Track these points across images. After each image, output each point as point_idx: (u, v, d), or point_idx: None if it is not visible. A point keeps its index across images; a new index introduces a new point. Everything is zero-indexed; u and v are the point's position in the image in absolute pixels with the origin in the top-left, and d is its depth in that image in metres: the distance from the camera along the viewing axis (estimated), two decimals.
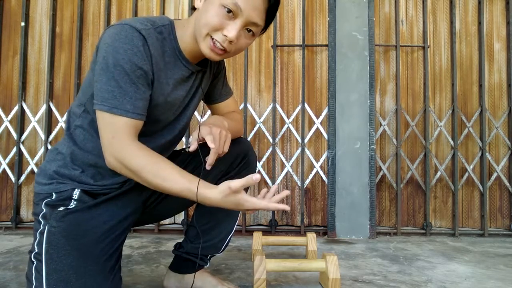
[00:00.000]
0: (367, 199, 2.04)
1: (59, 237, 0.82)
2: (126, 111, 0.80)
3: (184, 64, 0.92)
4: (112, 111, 0.79)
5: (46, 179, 0.90)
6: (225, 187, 0.76)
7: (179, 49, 0.90)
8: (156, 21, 0.87)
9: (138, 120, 0.82)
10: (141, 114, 0.82)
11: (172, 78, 0.90)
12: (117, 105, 0.79)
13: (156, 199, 1.05)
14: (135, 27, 0.81)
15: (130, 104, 0.80)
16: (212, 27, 0.82)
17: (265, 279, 1.10)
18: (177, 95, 0.93)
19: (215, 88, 1.10)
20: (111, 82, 0.79)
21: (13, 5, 2.25)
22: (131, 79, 0.80)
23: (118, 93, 0.79)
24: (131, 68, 0.79)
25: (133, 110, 0.80)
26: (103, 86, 0.79)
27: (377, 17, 2.26)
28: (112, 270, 0.85)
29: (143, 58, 0.81)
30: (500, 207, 2.20)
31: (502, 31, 2.25)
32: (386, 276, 1.35)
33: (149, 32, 0.83)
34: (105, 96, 0.79)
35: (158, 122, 0.92)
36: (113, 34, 0.80)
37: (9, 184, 2.18)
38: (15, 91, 2.21)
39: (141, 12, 2.24)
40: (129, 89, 0.80)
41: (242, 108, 2.15)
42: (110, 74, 0.79)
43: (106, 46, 0.79)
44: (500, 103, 2.24)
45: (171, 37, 0.89)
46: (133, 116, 0.81)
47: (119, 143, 0.80)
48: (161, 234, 2.06)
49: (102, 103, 0.79)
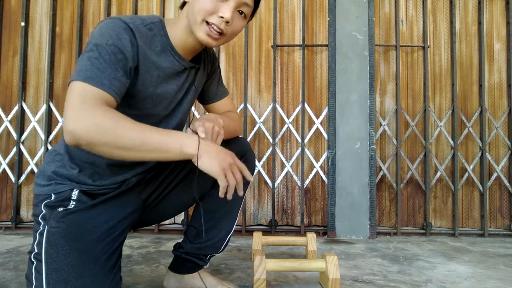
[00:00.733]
0: (367, 199, 2.04)
1: (59, 237, 0.82)
2: (102, 84, 0.75)
3: (177, 59, 0.92)
4: (88, 81, 0.75)
5: (45, 180, 0.91)
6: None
7: (171, 44, 0.91)
8: (145, 19, 0.89)
9: (112, 97, 0.77)
10: (116, 92, 0.78)
11: (162, 70, 0.90)
12: (93, 77, 0.75)
13: (156, 199, 1.05)
14: (123, 20, 0.83)
15: (107, 80, 0.77)
16: (206, 11, 0.84)
17: (265, 279, 1.10)
18: (167, 88, 0.92)
19: (210, 87, 1.11)
20: (90, 60, 0.77)
21: (13, 5, 2.25)
22: (111, 60, 0.78)
23: (96, 69, 0.76)
24: (113, 50, 0.79)
25: (109, 85, 0.76)
26: (84, 62, 0.77)
27: (377, 17, 2.26)
28: (112, 269, 0.85)
29: (127, 44, 0.81)
30: (500, 207, 2.20)
31: (502, 31, 2.25)
32: (386, 276, 1.35)
33: (137, 26, 0.85)
34: (83, 69, 0.76)
35: (150, 116, 0.91)
36: (103, 25, 0.82)
37: (9, 184, 2.18)
38: (15, 91, 2.21)
39: (141, 12, 2.24)
40: (108, 69, 0.78)
41: (242, 108, 2.15)
42: (91, 53, 0.78)
43: (93, 34, 0.81)
44: (500, 103, 2.24)
45: (161, 33, 0.90)
46: (108, 91, 0.76)
47: (89, 106, 0.72)
48: (161, 234, 2.06)
49: (77, 74, 0.76)
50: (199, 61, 1.01)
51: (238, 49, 2.23)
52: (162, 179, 1.04)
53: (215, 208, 1.07)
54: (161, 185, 1.05)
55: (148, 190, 1.03)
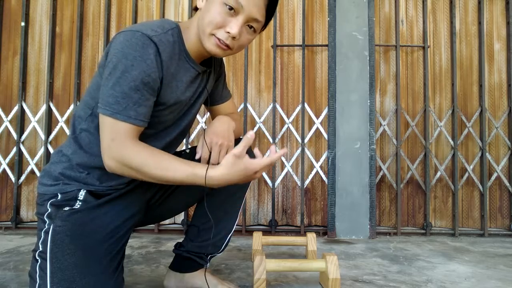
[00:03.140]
0: (367, 199, 2.04)
1: (64, 236, 0.82)
2: (128, 117, 0.80)
3: (192, 65, 0.93)
4: (115, 116, 0.80)
5: (51, 180, 0.91)
6: (228, 156, 0.79)
7: (186, 51, 0.91)
8: (164, 26, 0.88)
9: (140, 126, 0.83)
10: (143, 121, 0.83)
11: (182, 80, 0.91)
12: (120, 111, 0.80)
13: (160, 198, 1.06)
14: (146, 34, 0.81)
15: (133, 111, 0.81)
16: (215, 25, 0.84)
17: (265, 279, 1.10)
18: (184, 96, 0.94)
19: (217, 90, 1.11)
20: (116, 87, 0.79)
21: (13, 5, 2.25)
22: (137, 86, 0.80)
23: (122, 99, 0.80)
24: (139, 76, 0.80)
25: (135, 116, 0.81)
26: (109, 90, 0.80)
27: (377, 17, 2.26)
28: (115, 270, 0.86)
29: (153, 66, 0.82)
30: (500, 207, 2.20)
31: (502, 31, 2.26)
32: (386, 276, 1.35)
33: (161, 38, 0.84)
34: (109, 101, 0.80)
35: (165, 122, 0.94)
36: (124, 41, 0.80)
37: (9, 184, 2.18)
38: (15, 91, 2.21)
39: (141, 12, 2.24)
40: (134, 96, 0.80)
41: (242, 108, 2.15)
42: (116, 80, 0.79)
43: (116, 52, 0.80)
44: (500, 103, 2.24)
45: (179, 40, 0.90)
46: (134, 123, 0.81)
47: (118, 145, 0.80)
48: (161, 234, 2.06)
49: (105, 107, 0.80)
50: (210, 64, 1.01)
51: None
52: None
53: (215, 208, 1.07)
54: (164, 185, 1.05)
55: (152, 190, 1.04)
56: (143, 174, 0.81)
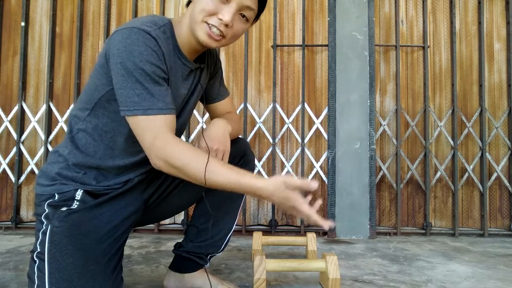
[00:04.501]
0: (367, 199, 2.04)
1: (62, 236, 0.82)
2: (160, 109, 0.81)
3: (184, 62, 0.92)
4: (147, 113, 0.80)
5: (48, 180, 0.90)
6: (280, 181, 0.77)
7: (178, 47, 0.91)
8: (157, 21, 0.87)
9: (172, 114, 0.84)
10: (171, 108, 0.84)
11: (174, 76, 0.91)
12: (150, 106, 0.80)
13: (158, 198, 1.05)
14: (143, 29, 0.81)
15: (161, 102, 0.82)
16: (207, 12, 0.84)
17: (265, 279, 1.10)
18: (179, 93, 0.94)
19: (213, 87, 1.11)
20: (136, 85, 0.80)
21: (13, 5, 2.25)
22: (154, 79, 0.81)
23: (146, 95, 0.80)
24: (151, 69, 0.81)
25: (165, 106, 0.82)
26: (130, 91, 0.80)
27: (377, 17, 2.26)
28: (114, 270, 0.85)
29: (159, 57, 0.82)
30: (500, 207, 2.20)
31: (502, 31, 2.25)
32: (386, 276, 1.35)
33: (157, 33, 0.84)
34: (135, 100, 0.80)
35: None
36: (123, 39, 0.80)
37: (9, 184, 2.18)
38: (15, 91, 2.21)
39: (141, 12, 2.24)
40: (155, 89, 0.81)
41: (242, 108, 2.15)
42: (133, 79, 0.79)
43: (119, 52, 0.80)
44: (500, 103, 2.24)
45: (171, 36, 0.90)
46: (167, 112, 0.82)
47: (161, 142, 0.80)
48: (161, 234, 2.06)
49: (134, 108, 0.80)
50: (203, 60, 1.01)
51: (238, 49, 2.23)
52: (164, 178, 1.04)
53: (215, 208, 1.07)
54: (163, 184, 1.05)
55: (150, 190, 1.03)
56: (186, 174, 0.80)
